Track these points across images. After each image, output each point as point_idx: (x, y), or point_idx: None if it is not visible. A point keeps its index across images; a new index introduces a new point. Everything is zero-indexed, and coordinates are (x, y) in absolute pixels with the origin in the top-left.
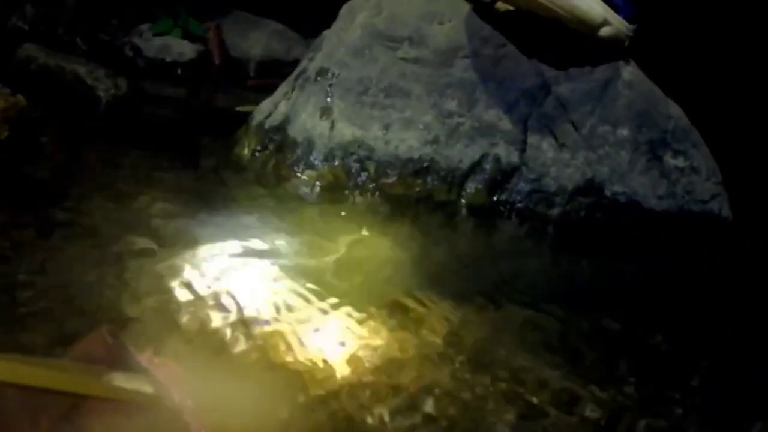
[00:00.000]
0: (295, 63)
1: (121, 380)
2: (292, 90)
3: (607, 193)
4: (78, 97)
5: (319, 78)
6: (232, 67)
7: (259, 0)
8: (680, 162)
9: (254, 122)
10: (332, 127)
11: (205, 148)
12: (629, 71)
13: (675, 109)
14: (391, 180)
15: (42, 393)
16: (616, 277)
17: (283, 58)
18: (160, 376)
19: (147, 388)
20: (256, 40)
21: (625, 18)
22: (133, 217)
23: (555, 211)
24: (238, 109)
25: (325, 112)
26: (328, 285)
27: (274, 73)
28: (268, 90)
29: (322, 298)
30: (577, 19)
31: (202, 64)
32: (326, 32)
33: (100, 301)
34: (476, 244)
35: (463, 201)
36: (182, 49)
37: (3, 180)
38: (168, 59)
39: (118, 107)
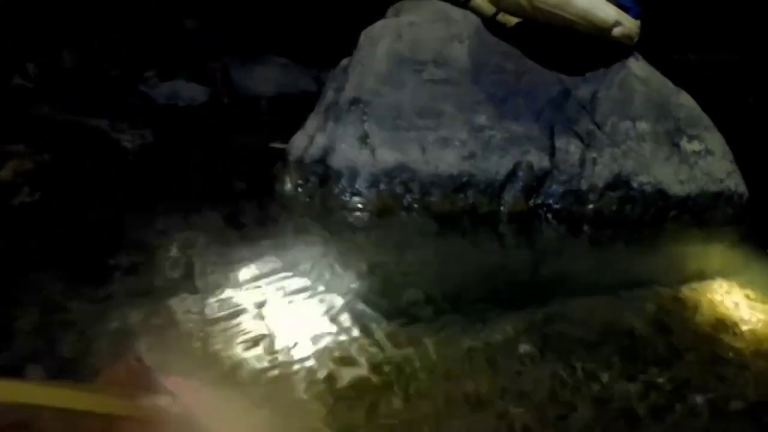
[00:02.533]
0: (304, 95)
1: (148, 401)
2: (326, 122)
3: (635, 185)
4: (104, 151)
5: (352, 108)
6: (243, 106)
7: (261, 37)
8: (696, 146)
9: (292, 157)
10: (373, 153)
11: (244, 188)
12: (640, 67)
13: (685, 98)
14: (435, 198)
15: (77, 414)
16: (650, 264)
17: (291, 92)
18: (186, 398)
19: (173, 409)
20: (264, 77)
21: (634, 16)
22: (184, 264)
23: (589, 208)
24: (272, 145)
25: (364, 140)
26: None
27: (285, 107)
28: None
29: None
30: (591, 23)
31: (213, 105)
32: (346, 61)
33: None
34: (522, 250)
35: (503, 209)
36: (193, 93)
37: (50, 236)
38: (180, 104)
39: (146, 156)
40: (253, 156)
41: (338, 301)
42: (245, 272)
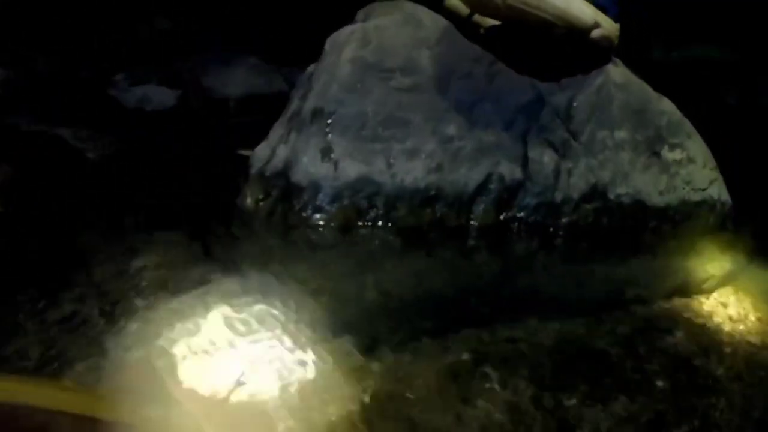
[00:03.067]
0: (278, 96)
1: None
2: (289, 133)
3: (611, 196)
4: (66, 160)
5: (315, 118)
6: (212, 108)
7: (233, 36)
8: (677, 154)
9: (254, 170)
10: (336, 166)
11: (206, 201)
12: (619, 73)
13: (667, 105)
14: (401, 213)
15: (88, 420)
16: (627, 279)
17: (264, 92)
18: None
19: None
20: (234, 78)
21: (612, 17)
22: (141, 277)
23: (563, 221)
24: (239, 152)
25: (327, 152)
26: (358, 330)
27: (256, 108)
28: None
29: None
30: (569, 23)
31: (182, 109)
32: (312, 68)
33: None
34: (491, 266)
35: (473, 223)
36: (162, 97)
37: (10, 251)
38: (148, 109)
39: (109, 166)
40: (218, 164)
41: (295, 327)
42: (196, 297)
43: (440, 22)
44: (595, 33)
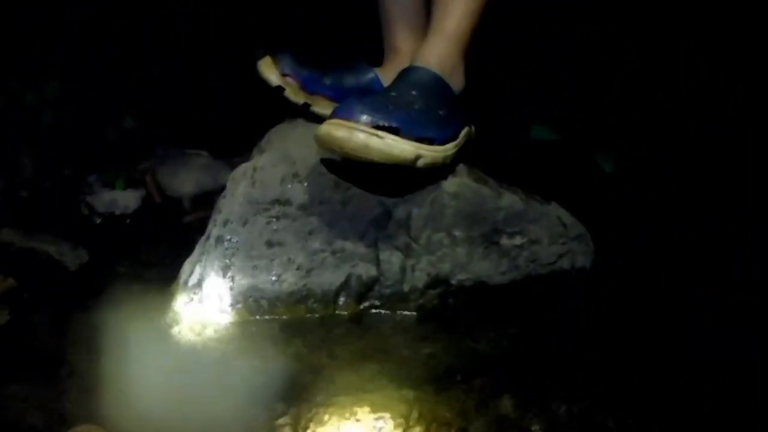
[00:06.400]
0: (223, 189)
1: None
2: (201, 255)
3: (453, 282)
4: (50, 272)
5: (218, 245)
6: (168, 206)
7: (187, 132)
8: (517, 240)
9: (181, 281)
10: (233, 280)
11: (148, 306)
12: (454, 183)
13: (506, 200)
14: (280, 309)
15: None
16: (475, 351)
17: (212, 189)
18: None
19: None
20: (187, 178)
21: (444, 141)
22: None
23: (412, 305)
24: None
25: (227, 270)
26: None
27: (207, 204)
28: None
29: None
30: (394, 161)
31: (145, 209)
32: (221, 196)
33: None
34: (351, 346)
35: (338, 312)
36: (127, 201)
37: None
38: (117, 212)
39: (83, 275)
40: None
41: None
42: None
43: (309, 160)
44: (420, 162)
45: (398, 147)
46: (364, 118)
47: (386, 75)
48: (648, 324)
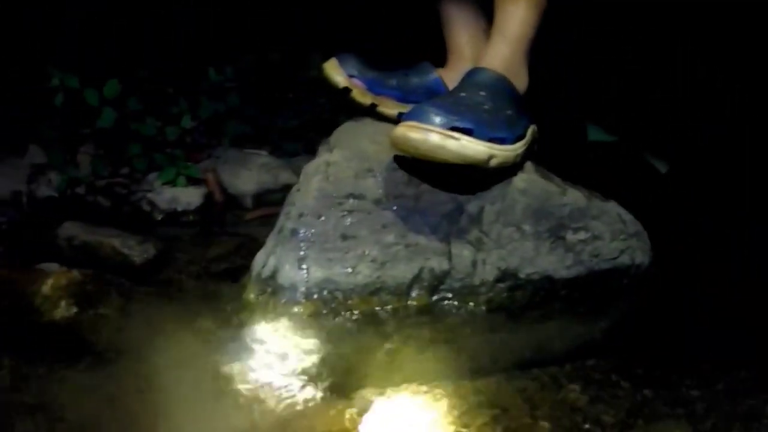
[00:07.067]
0: (284, 188)
1: None
2: (275, 246)
3: (522, 275)
4: (115, 265)
5: (292, 237)
6: (230, 204)
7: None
8: (582, 235)
9: (254, 273)
10: (308, 272)
11: (221, 296)
12: (523, 179)
13: (570, 196)
14: (354, 301)
15: None
16: (543, 343)
17: (272, 188)
18: None
19: None
20: (248, 176)
21: (513, 141)
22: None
23: (481, 298)
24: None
25: (301, 261)
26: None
27: (268, 202)
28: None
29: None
30: (466, 161)
31: (206, 206)
32: (294, 189)
33: None
34: (423, 337)
35: (410, 304)
36: (190, 197)
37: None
38: (179, 209)
39: (150, 269)
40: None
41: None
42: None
43: (381, 156)
44: (492, 162)
45: (472, 148)
46: (438, 120)
47: (448, 76)
48: (707, 323)
